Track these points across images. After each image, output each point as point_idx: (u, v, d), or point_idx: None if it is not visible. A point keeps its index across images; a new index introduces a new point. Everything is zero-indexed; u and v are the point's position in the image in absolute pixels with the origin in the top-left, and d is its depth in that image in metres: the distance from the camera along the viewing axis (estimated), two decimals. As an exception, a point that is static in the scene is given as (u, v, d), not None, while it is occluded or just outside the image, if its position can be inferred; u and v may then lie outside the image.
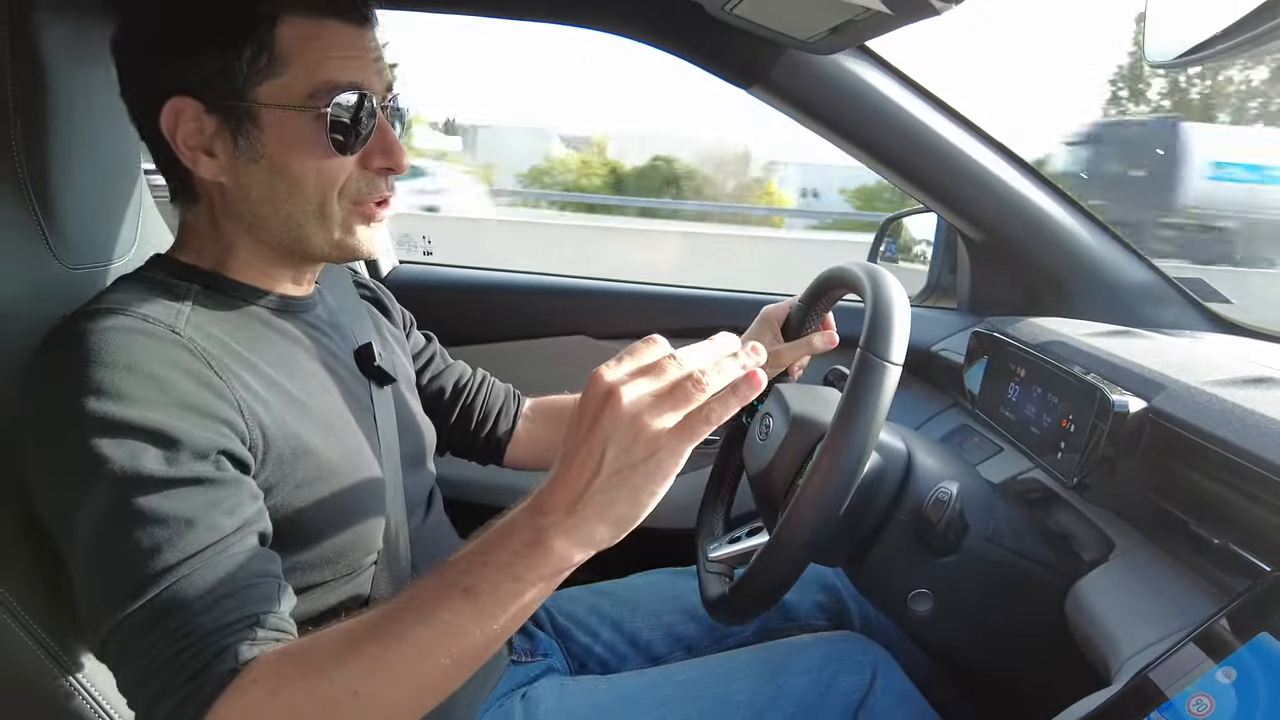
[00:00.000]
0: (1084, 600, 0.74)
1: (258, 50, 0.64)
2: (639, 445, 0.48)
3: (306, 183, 0.68)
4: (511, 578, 0.50)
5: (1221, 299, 1.21)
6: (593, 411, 0.49)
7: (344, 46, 0.67)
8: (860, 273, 0.79)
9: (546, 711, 0.81)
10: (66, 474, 0.56)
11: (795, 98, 1.12)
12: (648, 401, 0.48)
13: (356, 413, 0.76)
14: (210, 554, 0.55)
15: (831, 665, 0.83)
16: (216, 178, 0.68)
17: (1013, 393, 0.96)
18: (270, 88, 0.65)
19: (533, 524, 0.50)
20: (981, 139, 1.15)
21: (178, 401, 0.59)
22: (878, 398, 0.67)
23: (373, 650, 0.51)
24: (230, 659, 0.52)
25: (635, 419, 0.48)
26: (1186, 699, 0.52)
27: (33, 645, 0.61)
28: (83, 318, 0.61)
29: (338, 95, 0.66)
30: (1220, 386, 0.72)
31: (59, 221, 0.73)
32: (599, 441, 0.48)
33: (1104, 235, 1.19)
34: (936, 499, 0.76)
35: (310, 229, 0.70)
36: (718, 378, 0.49)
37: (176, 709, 0.51)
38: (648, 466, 0.49)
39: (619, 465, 0.48)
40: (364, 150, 0.69)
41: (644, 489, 0.49)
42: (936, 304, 1.45)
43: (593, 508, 0.49)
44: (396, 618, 0.52)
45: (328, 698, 0.50)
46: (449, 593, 0.51)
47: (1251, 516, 0.65)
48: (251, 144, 0.67)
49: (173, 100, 0.65)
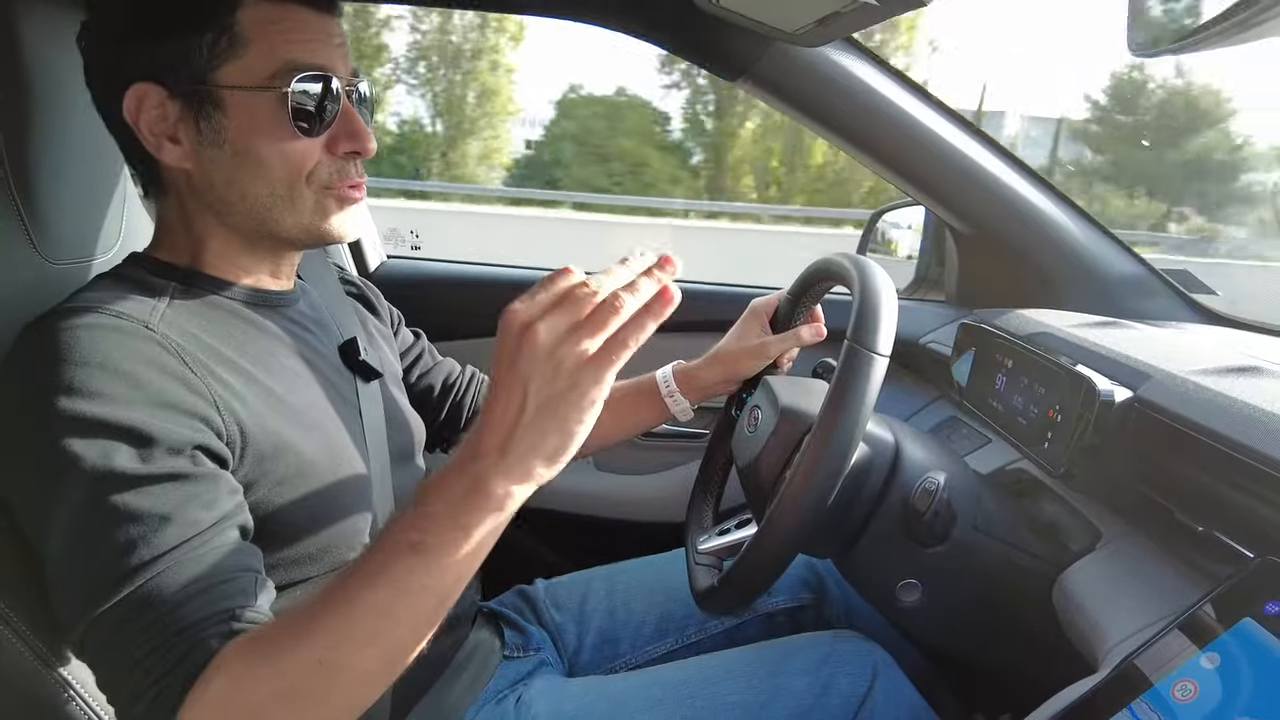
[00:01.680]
0: (1071, 589, 0.75)
1: (219, 33, 0.64)
2: (560, 377, 0.49)
3: (272, 166, 0.68)
4: (457, 527, 0.50)
5: (1207, 290, 1.22)
6: (510, 350, 0.49)
7: (306, 30, 0.67)
8: (848, 265, 0.79)
9: (539, 714, 0.81)
10: (40, 474, 0.56)
11: (783, 90, 1.12)
12: (563, 332, 0.49)
13: (340, 409, 0.75)
14: (186, 549, 0.55)
15: (829, 666, 0.83)
16: (181, 164, 0.68)
17: (1000, 384, 0.97)
18: (231, 70, 0.65)
19: (469, 471, 0.50)
20: (969, 132, 1.15)
21: (152, 399, 0.58)
22: (865, 388, 0.67)
23: (329, 619, 0.51)
24: (201, 655, 0.52)
25: (553, 352, 0.48)
26: (1171, 685, 0.52)
27: (20, 646, 0.60)
28: (56, 316, 0.60)
29: (299, 76, 0.66)
30: (1205, 376, 0.73)
31: (42, 215, 0.72)
32: (519, 379, 0.49)
33: (1091, 228, 1.19)
34: (924, 489, 0.76)
35: (279, 213, 0.70)
36: (633, 298, 0.49)
37: (150, 709, 0.51)
38: (572, 396, 0.49)
39: (543, 399, 0.49)
40: (330, 135, 0.69)
41: (571, 419, 0.50)
42: (924, 296, 1.46)
43: (524, 445, 0.50)
44: (348, 583, 0.51)
45: (292, 674, 0.50)
46: (397, 551, 0.51)
47: (1235, 504, 0.65)
48: (215, 128, 0.66)
49: (135, 86, 0.65)
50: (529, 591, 1.04)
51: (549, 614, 1.01)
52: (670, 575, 1.04)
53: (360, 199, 0.73)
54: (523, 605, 1.02)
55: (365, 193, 0.75)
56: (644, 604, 1.02)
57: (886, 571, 0.79)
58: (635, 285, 0.50)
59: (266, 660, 0.51)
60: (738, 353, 0.96)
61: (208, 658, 0.52)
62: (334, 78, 0.68)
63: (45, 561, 0.56)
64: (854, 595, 1.04)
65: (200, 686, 0.51)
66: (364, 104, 0.73)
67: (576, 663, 0.99)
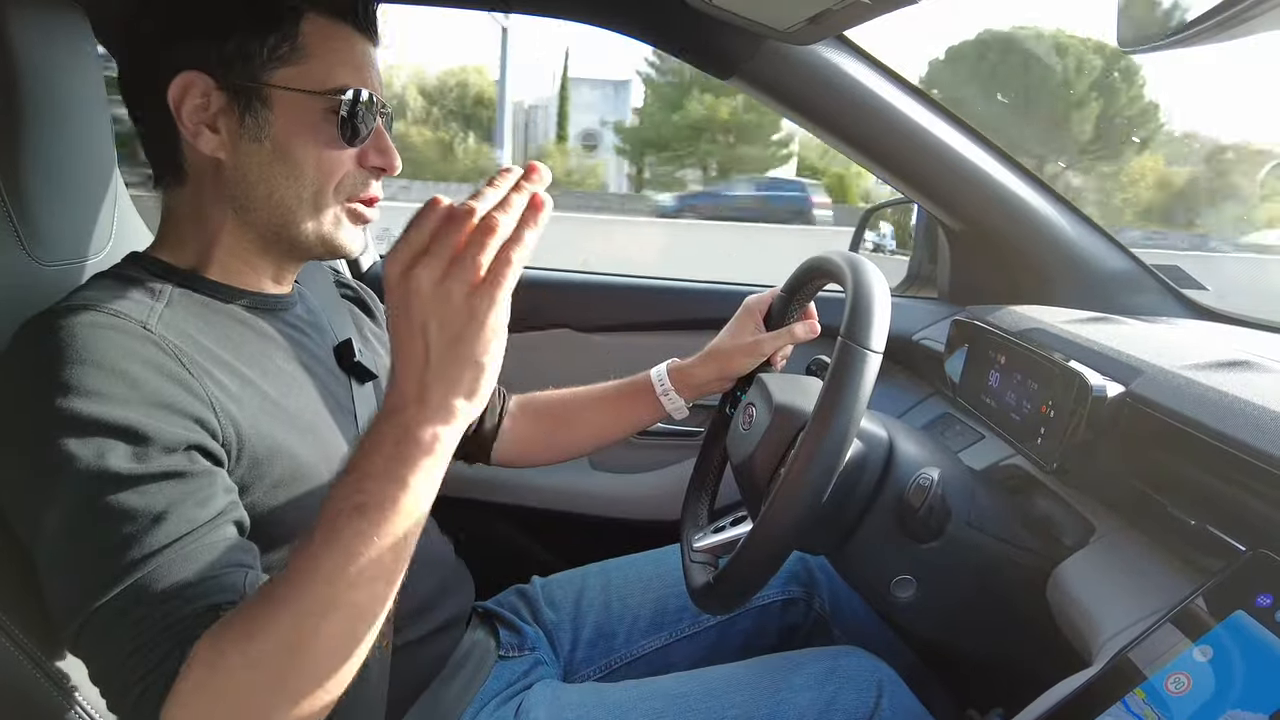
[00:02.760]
0: (1065, 583, 0.75)
1: (281, 38, 0.68)
2: (453, 311, 0.49)
3: (306, 169, 0.70)
4: (394, 480, 0.51)
5: (1197, 286, 1.23)
6: (398, 299, 0.50)
7: (356, 53, 0.71)
8: (841, 262, 0.80)
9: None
10: (34, 472, 0.56)
11: (775, 88, 1.12)
12: (443, 268, 0.49)
13: (336, 413, 0.76)
14: (179, 547, 0.55)
15: (834, 682, 0.81)
16: (215, 153, 0.69)
17: (993, 380, 0.97)
18: (288, 73, 0.68)
19: (395, 424, 0.51)
20: (960, 128, 1.15)
21: (148, 399, 0.58)
22: (859, 385, 0.67)
23: (289, 595, 0.51)
24: (185, 651, 0.52)
25: (439, 290, 0.49)
26: (1164, 678, 0.53)
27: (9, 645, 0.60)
28: (54, 314, 0.60)
29: (346, 90, 0.69)
30: (1197, 371, 0.73)
31: (32, 218, 0.72)
32: (416, 326, 0.49)
33: (1082, 224, 1.20)
34: (918, 485, 0.77)
35: (301, 216, 0.71)
36: (506, 216, 0.49)
37: (136, 704, 0.51)
38: (472, 327, 0.49)
39: (446, 339, 0.49)
40: (362, 149, 0.72)
41: (478, 349, 0.50)
42: (917, 293, 1.46)
43: (442, 386, 0.50)
44: (303, 560, 0.51)
45: (262, 660, 0.50)
46: (341, 515, 0.51)
47: (1227, 498, 0.66)
48: (259, 123, 0.68)
49: (184, 74, 0.67)
50: (525, 590, 1.05)
51: (545, 612, 1.01)
52: (665, 569, 1.05)
53: (373, 219, 0.76)
54: (519, 604, 1.02)
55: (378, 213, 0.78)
56: (639, 597, 1.03)
57: (881, 568, 0.80)
58: (507, 201, 0.50)
59: (237, 646, 0.51)
60: (732, 350, 0.96)
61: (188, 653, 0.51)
62: (375, 96, 0.71)
63: (38, 559, 0.56)
64: (841, 588, 1.04)
65: (180, 680, 0.51)
66: (389, 127, 0.76)
67: (572, 660, 0.99)
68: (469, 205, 0.50)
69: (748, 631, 1.02)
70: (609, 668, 0.99)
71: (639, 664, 0.99)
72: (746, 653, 1.00)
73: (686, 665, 0.98)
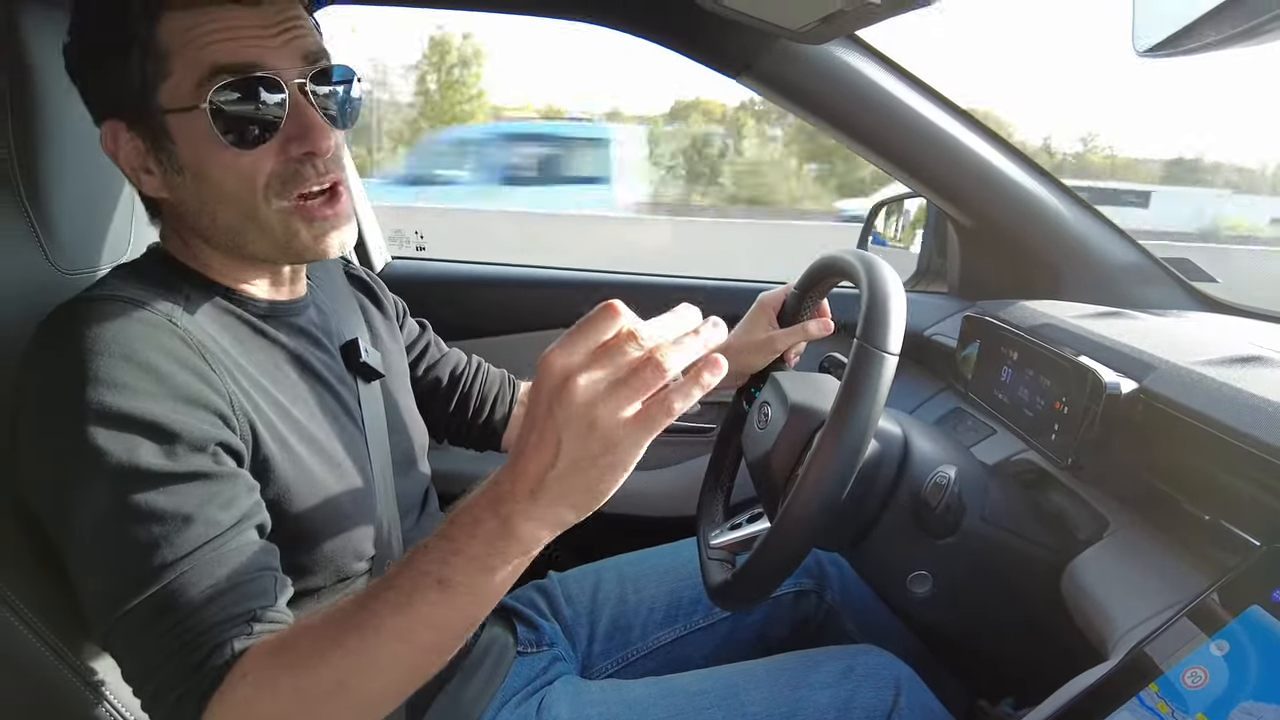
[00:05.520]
0: (1080, 578, 0.76)
1: (142, 52, 0.61)
2: (595, 439, 0.45)
3: (226, 187, 0.64)
4: (483, 568, 0.50)
5: (1207, 278, 1.23)
6: (546, 401, 0.46)
7: (230, 29, 0.61)
8: (855, 261, 0.80)
9: (561, 718, 0.82)
10: (64, 466, 0.56)
11: (786, 87, 1.13)
12: (602, 390, 0.45)
13: (343, 419, 0.76)
14: (207, 550, 0.56)
15: (852, 680, 0.81)
16: (159, 193, 0.68)
17: (1005, 376, 0.97)
18: (165, 91, 0.62)
19: (498, 512, 0.49)
20: (970, 125, 1.15)
21: (174, 393, 0.58)
22: (876, 388, 0.68)
23: (353, 643, 0.51)
24: (226, 654, 0.53)
25: (589, 410, 0.45)
26: (1181, 671, 0.54)
27: (34, 640, 0.61)
28: (81, 303, 0.61)
29: (218, 85, 0.61)
30: (1209, 366, 0.74)
31: (53, 225, 0.73)
32: (553, 432, 0.46)
33: (1091, 218, 1.20)
34: (935, 483, 0.77)
35: (248, 235, 0.67)
36: (678, 358, 0.45)
37: (176, 706, 0.52)
38: (604, 461, 0.46)
39: (575, 456, 0.46)
40: (283, 138, 0.64)
41: (604, 481, 0.47)
42: (928, 288, 1.46)
43: (557, 492, 0.47)
44: (374, 610, 0.52)
45: (313, 692, 0.52)
46: (423, 583, 0.51)
47: (1242, 493, 0.66)
48: (169, 156, 0.65)
49: (107, 123, 0.65)
50: (542, 585, 1.06)
51: (562, 608, 1.02)
52: (679, 562, 1.06)
53: (331, 215, 0.68)
54: (537, 599, 1.03)
55: (343, 202, 0.69)
56: (653, 589, 1.03)
57: (897, 564, 0.80)
58: (682, 343, 0.46)
59: (290, 673, 0.52)
60: (745, 347, 0.97)
61: (230, 659, 0.53)
62: (267, 75, 0.62)
63: (68, 555, 0.57)
64: (852, 581, 1.06)
65: (226, 690, 0.52)
66: (332, 95, 0.67)
67: (589, 654, 1.00)
68: (643, 330, 0.46)
69: (760, 624, 1.03)
70: (625, 660, 1.00)
71: (655, 655, 1.00)
72: (759, 644, 1.01)
73: (701, 657, 0.99)
